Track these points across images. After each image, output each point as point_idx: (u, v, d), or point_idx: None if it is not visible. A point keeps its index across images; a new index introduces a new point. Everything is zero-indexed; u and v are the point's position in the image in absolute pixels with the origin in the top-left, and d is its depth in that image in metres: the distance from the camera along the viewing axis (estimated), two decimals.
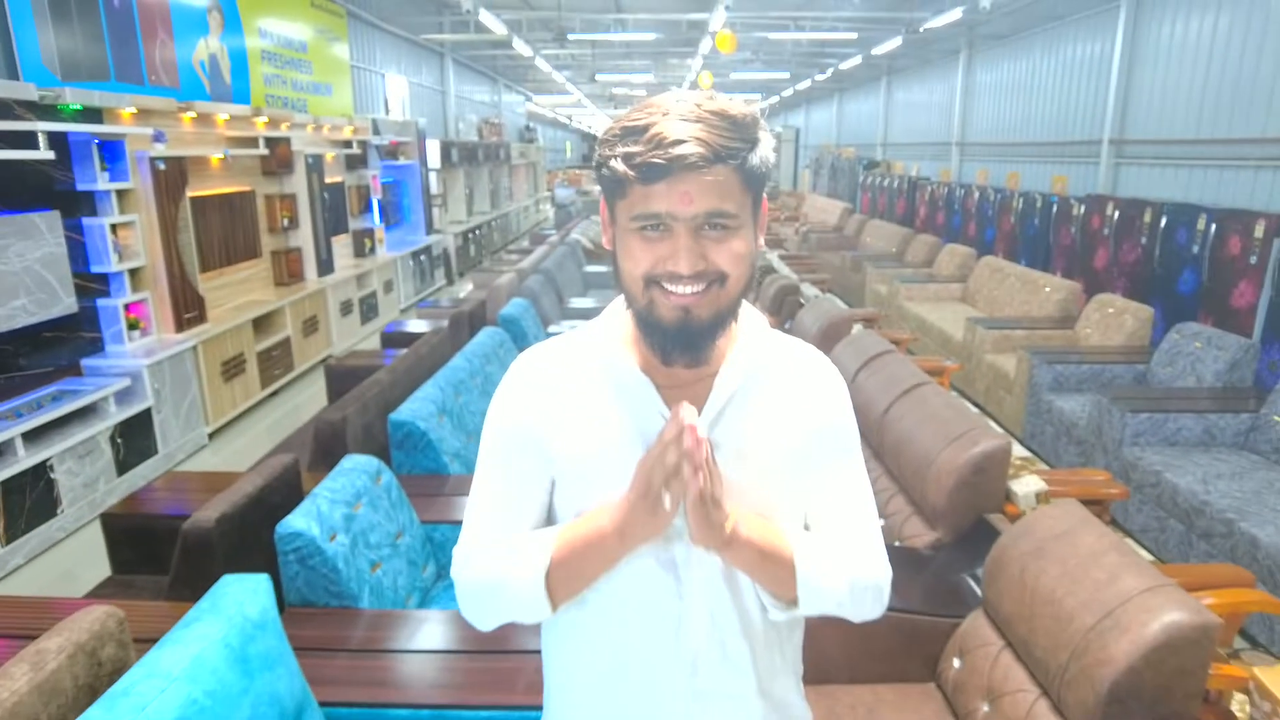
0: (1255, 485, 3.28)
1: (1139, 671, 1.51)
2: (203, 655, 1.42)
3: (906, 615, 2.07)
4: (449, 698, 1.78)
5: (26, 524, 3.67)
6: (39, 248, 4.08)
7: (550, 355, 1.05)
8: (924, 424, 2.63)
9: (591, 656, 1.04)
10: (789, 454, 0.99)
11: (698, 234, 0.87)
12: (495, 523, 1.02)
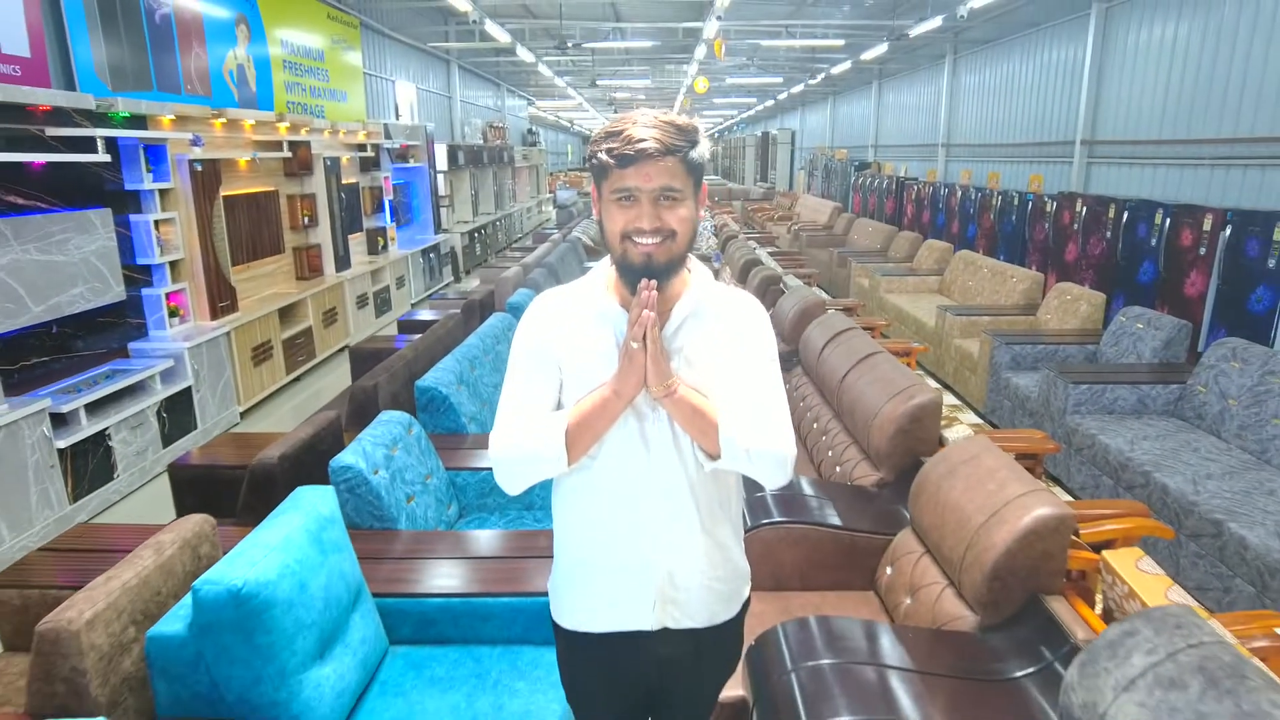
0: (1175, 445, 3.72)
1: (1014, 554, 1.96)
2: (290, 535, 1.87)
3: (848, 533, 2.52)
4: (474, 589, 2.23)
5: (89, 485, 4.12)
6: (94, 241, 4.53)
7: (558, 296, 1.51)
8: (873, 385, 3.07)
9: (586, 506, 1.48)
10: (721, 358, 1.43)
11: (655, 203, 1.32)
12: (522, 410, 1.46)
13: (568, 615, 1.53)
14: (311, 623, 1.77)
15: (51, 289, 4.19)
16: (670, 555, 1.46)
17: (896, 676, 1.78)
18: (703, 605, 1.49)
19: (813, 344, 3.95)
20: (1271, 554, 2.76)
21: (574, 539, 1.52)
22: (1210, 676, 1.34)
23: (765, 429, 1.39)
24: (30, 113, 4.07)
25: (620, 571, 1.47)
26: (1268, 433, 3.56)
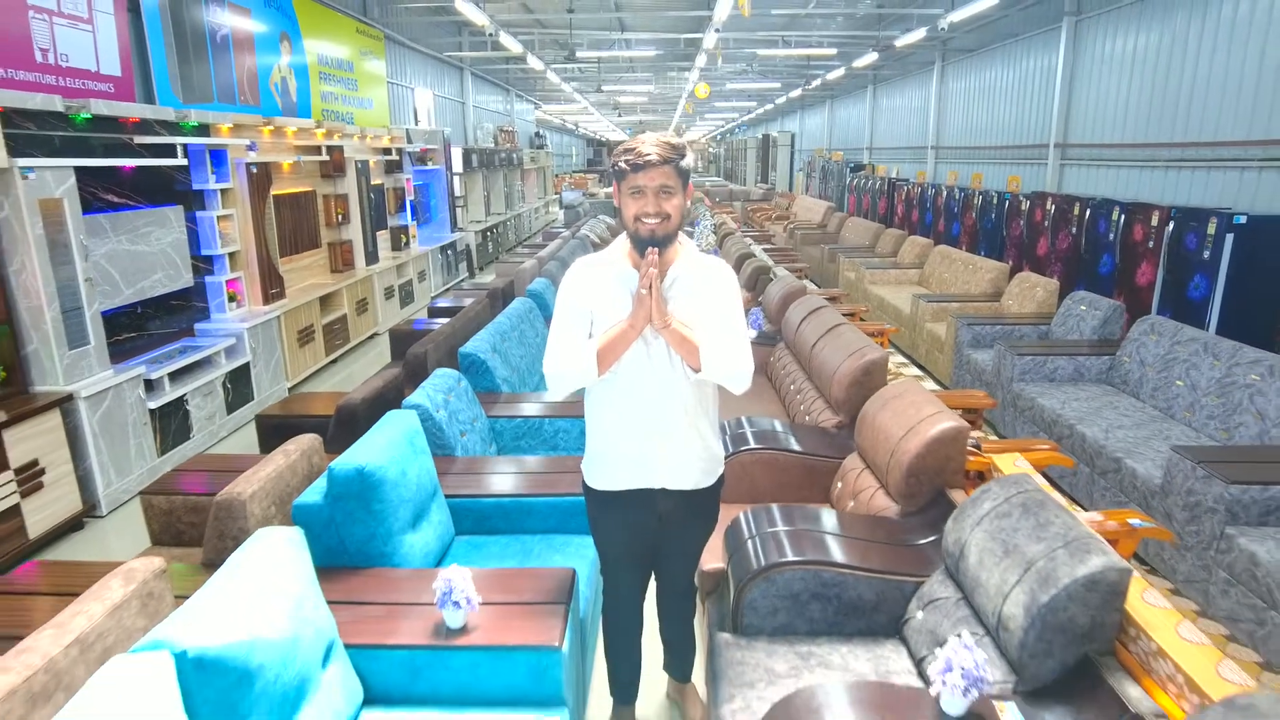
0: (1099, 404, 4.39)
1: (923, 456, 2.62)
2: (391, 438, 2.54)
3: (809, 457, 3.19)
4: (519, 491, 2.91)
5: (173, 442, 4.81)
6: (170, 234, 5.22)
7: (589, 261, 2.18)
8: (836, 349, 3.75)
9: (610, 404, 2.15)
10: (701, 303, 2.09)
11: (657, 195, 1.99)
12: (566, 340, 2.12)
13: (597, 480, 2.21)
14: (408, 500, 2.45)
15: (138, 274, 4.88)
16: (667, 438, 2.14)
17: (833, 540, 2.45)
18: (689, 473, 2.17)
19: (791, 321, 4.63)
20: (1153, 481, 3.43)
21: (601, 428, 2.19)
22: (1025, 507, 2.01)
23: (731, 352, 2.06)
24: (122, 124, 4.76)
25: (633, 449, 2.14)
26: (1172, 392, 4.23)
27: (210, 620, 1.54)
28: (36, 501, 3.77)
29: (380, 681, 2.01)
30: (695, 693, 2.59)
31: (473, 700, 2.01)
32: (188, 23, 5.71)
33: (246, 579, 1.69)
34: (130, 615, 1.86)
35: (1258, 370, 3.74)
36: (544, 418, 3.78)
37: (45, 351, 3.99)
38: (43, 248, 3.91)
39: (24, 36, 4.37)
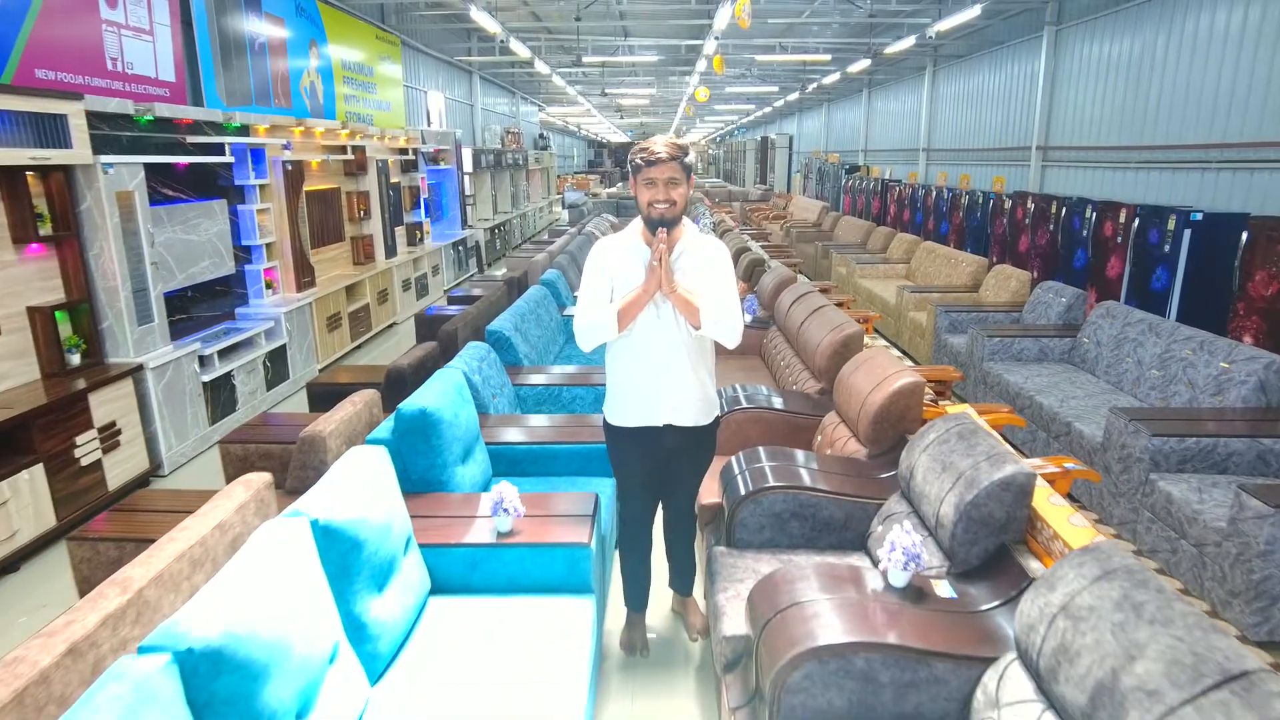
0: (1058, 379, 4.90)
1: (887, 406, 3.12)
2: (443, 389, 3.03)
3: (793, 414, 3.69)
4: (546, 439, 3.41)
5: (221, 413, 5.31)
6: (215, 225, 5.72)
7: (610, 240, 2.69)
8: (820, 326, 4.25)
9: (627, 355, 2.65)
10: (700, 273, 2.60)
11: (665, 185, 2.50)
12: (592, 302, 2.62)
13: (616, 418, 2.71)
14: (459, 438, 2.96)
15: (189, 261, 5.38)
16: (672, 383, 2.64)
17: (809, 472, 2.95)
18: (690, 412, 2.67)
19: (782, 305, 5.14)
20: (1095, 439, 3.93)
21: (619, 374, 2.69)
22: (960, 435, 2.52)
23: (725, 313, 2.56)
24: (177, 124, 5.26)
25: (645, 392, 2.64)
26: (1122, 368, 4.73)
27: (330, 502, 2.04)
28: (115, 458, 4.27)
29: (444, 575, 2.51)
30: (695, 604, 3.09)
31: (519, 589, 2.51)
32: (230, 32, 6.21)
33: (351, 479, 2.19)
34: (249, 514, 2.36)
35: (1190, 345, 4.25)
36: (562, 385, 4.29)
37: (119, 327, 4.50)
38: (118, 235, 4.41)
39: (98, 48, 4.87)
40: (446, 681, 2.08)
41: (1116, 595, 1.63)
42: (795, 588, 2.14)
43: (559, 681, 2.10)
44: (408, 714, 1.96)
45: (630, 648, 2.94)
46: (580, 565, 2.50)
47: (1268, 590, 2.86)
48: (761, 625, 2.10)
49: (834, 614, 2.00)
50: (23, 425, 3.69)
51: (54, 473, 3.84)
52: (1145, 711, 1.40)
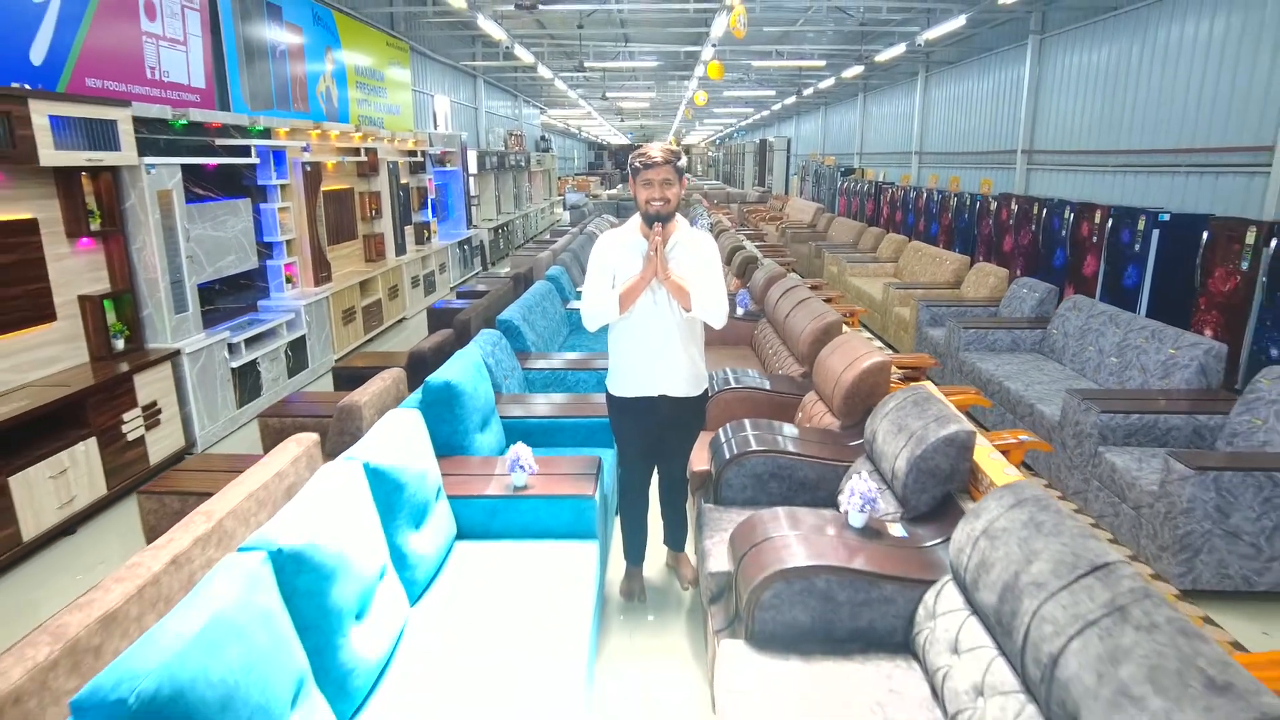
0: (1027, 367, 5.28)
1: (857, 383, 3.50)
2: (464, 365, 3.42)
3: (776, 393, 4.08)
4: (555, 414, 3.79)
5: (248, 398, 5.69)
6: (241, 222, 6.10)
7: (612, 233, 3.07)
8: (804, 315, 4.63)
9: (627, 335, 3.03)
10: (691, 263, 2.98)
11: (661, 185, 2.88)
12: (597, 288, 3.00)
13: (617, 389, 3.09)
14: (479, 409, 3.34)
15: (217, 256, 5.75)
16: (666, 359, 3.02)
17: (788, 439, 3.33)
18: (681, 385, 3.05)
19: (771, 298, 5.52)
20: (1054, 418, 4.32)
21: (620, 351, 3.07)
22: (915, 402, 2.90)
23: (712, 297, 2.94)
24: (206, 128, 5.64)
25: (642, 366, 3.02)
26: (1085, 356, 5.12)
27: (377, 451, 2.42)
28: (155, 435, 4.65)
29: (468, 522, 2.89)
30: (687, 559, 3.47)
31: (532, 534, 2.89)
32: (254, 40, 6.60)
33: (392, 435, 2.57)
34: (301, 466, 2.74)
35: (1143, 335, 4.64)
36: (566, 370, 4.67)
37: (158, 315, 4.88)
38: (158, 230, 4.79)
39: (138, 57, 5.25)
40: (472, 609, 2.45)
41: (1024, 518, 2.01)
42: (768, 526, 2.52)
43: (568, 612, 2.47)
44: (440, 633, 2.34)
45: (629, 595, 3.32)
46: (585, 514, 2.88)
47: (1190, 544, 3.24)
48: (740, 557, 2.48)
49: (799, 545, 2.38)
50: (78, 402, 4.07)
51: (105, 446, 4.22)
52: (1034, 599, 1.79)
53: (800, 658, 2.25)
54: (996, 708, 1.81)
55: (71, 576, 3.71)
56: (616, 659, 2.95)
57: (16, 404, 3.79)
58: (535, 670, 2.16)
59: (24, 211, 4.12)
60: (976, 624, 2.04)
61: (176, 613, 1.54)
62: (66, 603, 2.44)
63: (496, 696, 2.05)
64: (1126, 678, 1.47)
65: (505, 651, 2.23)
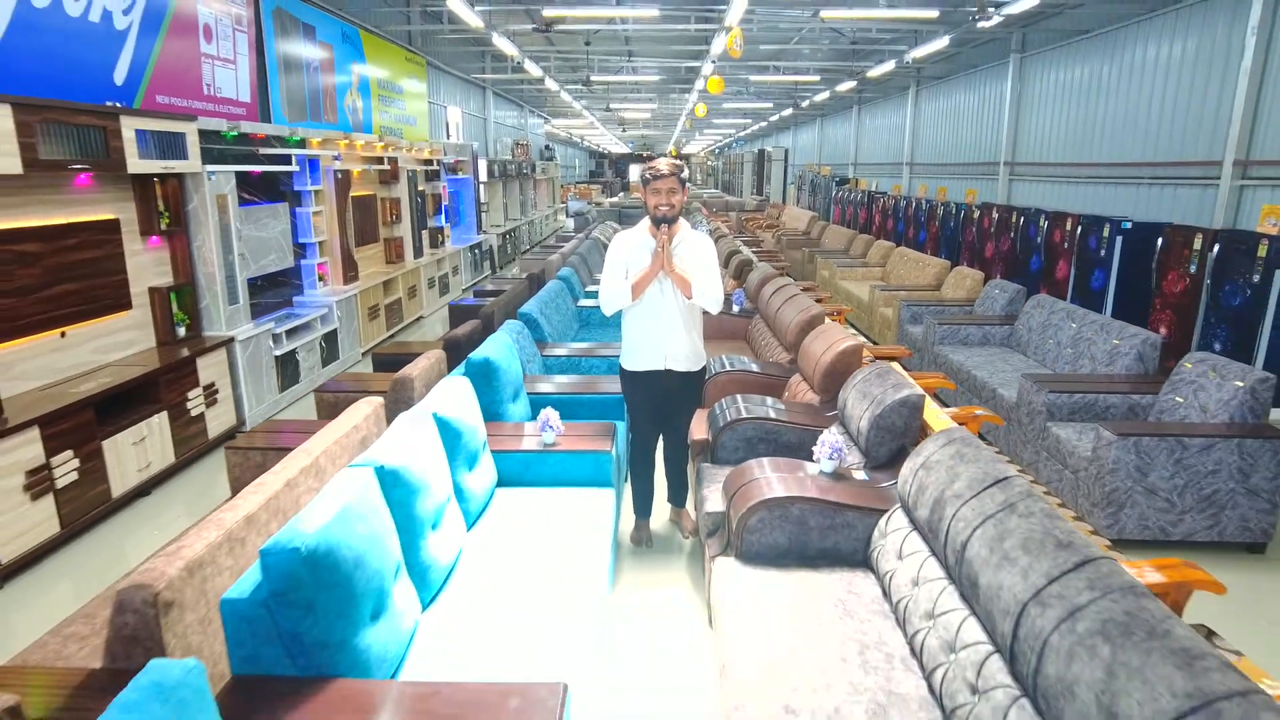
0: (994, 359, 5.86)
1: (834, 363, 4.08)
2: (498, 347, 3.99)
3: (766, 376, 4.65)
4: (572, 391, 4.36)
5: (288, 383, 6.25)
6: (280, 224, 6.68)
7: (626, 233, 3.66)
8: (793, 310, 5.21)
9: (637, 318, 3.61)
10: (692, 258, 3.56)
11: (667, 193, 3.46)
12: (613, 278, 3.58)
13: (629, 363, 3.66)
14: (510, 383, 3.91)
15: (261, 255, 6.33)
16: (670, 339, 3.59)
17: (773, 409, 3.90)
18: (684, 360, 3.63)
19: (764, 296, 6.10)
20: (1011, 400, 4.89)
21: (632, 331, 3.65)
22: (878, 375, 3.47)
23: (710, 288, 3.51)
24: (251, 139, 6.22)
25: (650, 344, 3.60)
26: (1045, 348, 5.70)
27: (440, 404, 2.99)
28: (213, 412, 5.22)
29: (505, 472, 3.46)
30: (687, 514, 4.04)
31: (559, 483, 3.46)
32: (291, 58, 7.19)
33: (450, 394, 3.14)
34: (370, 423, 3.31)
35: (1094, 328, 5.22)
36: (580, 357, 5.24)
37: (214, 306, 5.45)
38: (215, 230, 5.37)
39: (198, 76, 5.84)
40: (512, 539, 3.01)
41: (952, 451, 2.59)
42: (755, 471, 3.09)
43: (590, 545, 3.02)
44: (489, 555, 2.90)
45: (638, 542, 3.89)
46: (603, 467, 3.46)
47: (1115, 499, 3.81)
48: (731, 494, 3.05)
49: (779, 482, 2.96)
50: (153, 381, 4.64)
51: (173, 420, 4.78)
52: (953, 506, 2.36)
53: (779, 570, 2.82)
54: (926, 592, 2.38)
55: (150, 531, 4.26)
56: (628, 587, 3.51)
57: (103, 380, 4.36)
58: (565, 588, 2.68)
59: (108, 213, 4.70)
60: (915, 536, 2.61)
61: (315, 504, 2.11)
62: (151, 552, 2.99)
63: (535, 606, 2.57)
64: (1008, 547, 2.04)
65: (540, 574, 2.77)
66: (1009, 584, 1.96)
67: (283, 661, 1.95)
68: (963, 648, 2.09)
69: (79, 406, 3.99)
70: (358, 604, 2.01)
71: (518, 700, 1.84)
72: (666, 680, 2.92)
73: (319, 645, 1.93)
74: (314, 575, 1.88)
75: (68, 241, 4.37)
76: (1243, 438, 3.69)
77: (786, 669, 2.24)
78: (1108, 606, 1.69)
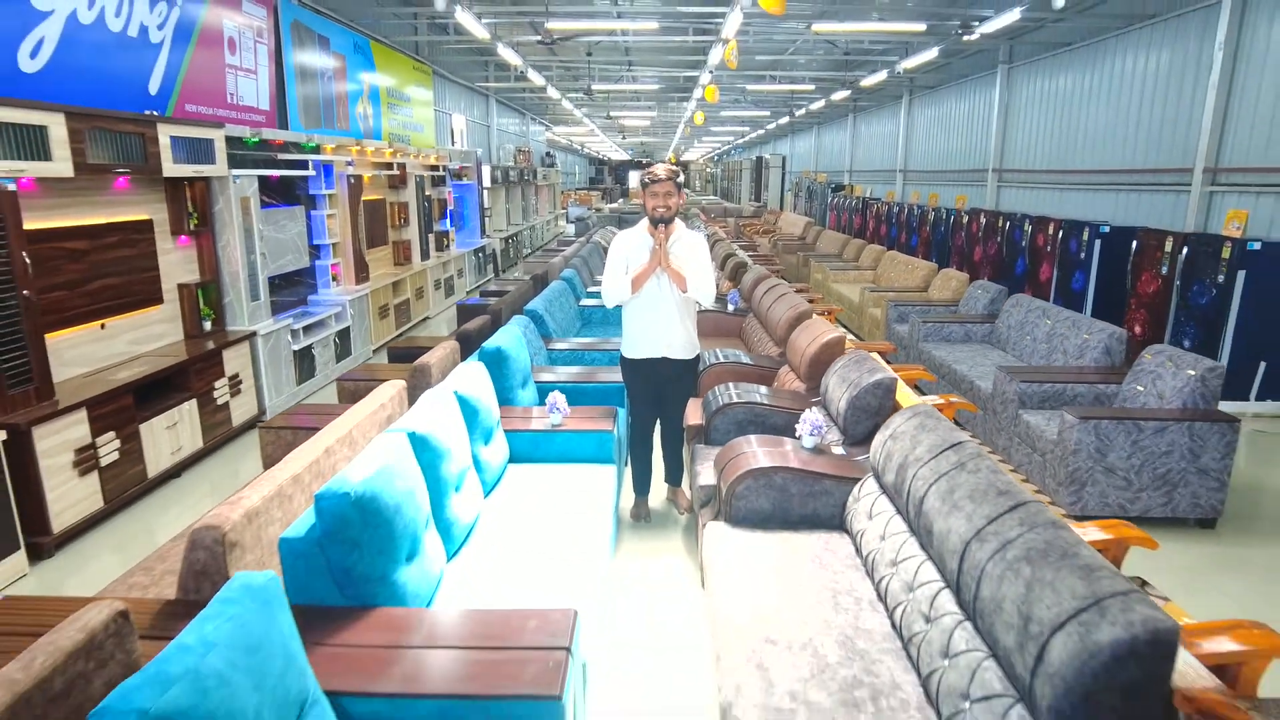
0: (975, 354, 6.19)
1: (818, 353, 4.40)
2: (508, 338, 4.32)
3: (757, 368, 4.98)
4: (574, 380, 4.69)
5: (305, 376, 6.58)
6: (296, 226, 7.01)
7: (626, 233, 3.99)
8: (783, 306, 5.55)
9: (638, 310, 3.93)
10: (687, 256, 3.89)
11: (665, 196, 3.80)
12: (615, 273, 3.92)
13: (629, 351, 3.99)
14: (521, 370, 4.23)
15: (280, 254, 6.66)
16: (667, 328, 3.92)
17: (761, 394, 4.22)
18: (679, 349, 3.95)
19: (757, 295, 6.44)
20: (987, 390, 5.22)
21: (632, 322, 3.97)
22: (856, 361, 3.80)
23: (703, 283, 3.84)
24: (272, 145, 6.56)
25: (649, 334, 3.93)
26: (1023, 344, 6.03)
27: (461, 384, 3.32)
28: (237, 401, 5.54)
29: (516, 449, 3.78)
30: (682, 492, 4.36)
31: (565, 459, 3.78)
32: (307, 67, 7.54)
33: (468, 376, 3.47)
34: (394, 403, 3.63)
35: (1066, 324, 5.56)
36: (581, 350, 5.57)
37: (237, 302, 5.78)
38: (239, 230, 5.70)
39: (222, 85, 6.18)
40: (524, 507, 3.33)
41: (916, 423, 2.92)
42: (743, 445, 3.42)
43: (594, 513, 3.33)
44: (503, 520, 3.22)
45: (637, 517, 4.21)
46: (606, 445, 3.78)
47: (1078, 478, 4.14)
48: (722, 466, 3.37)
49: (765, 455, 3.28)
50: (184, 370, 4.96)
51: (201, 407, 5.10)
52: (914, 469, 2.68)
53: (764, 532, 3.14)
54: (891, 544, 2.70)
55: (181, 510, 4.58)
56: (628, 555, 3.83)
57: (139, 369, 4.68)
58: (571, 550, 2.96)
59: (143, 213, 5.03)
60: (884, 499, 2.94)
61: (359, 460, 2.43)
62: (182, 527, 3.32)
63: (547, 558, 2.88)
64: (957, 498, 2.37)
65: (551, 534, 3.08)
66: (956, 527, 2.28)
67: (333, 593, 2.27)
68: (919, 586, 2.42)
69: (121, 391, 4.31)
70: (397, 545, 2.33)
71: (536, 622, 2.16)
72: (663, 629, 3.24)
73: (364, 579, 2.25)
74: (361, 516, 2.20)
75: (108, 240, 4.70)
76: (1193, 421, 4.01)
77: (768, 613, 2.56)
78: (1032, 538, 2.02)
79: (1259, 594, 3.62)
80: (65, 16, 4.46)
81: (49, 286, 4.22)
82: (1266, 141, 6.43)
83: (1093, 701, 1.64)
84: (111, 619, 1.81)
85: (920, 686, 2.20)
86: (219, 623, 1.58)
